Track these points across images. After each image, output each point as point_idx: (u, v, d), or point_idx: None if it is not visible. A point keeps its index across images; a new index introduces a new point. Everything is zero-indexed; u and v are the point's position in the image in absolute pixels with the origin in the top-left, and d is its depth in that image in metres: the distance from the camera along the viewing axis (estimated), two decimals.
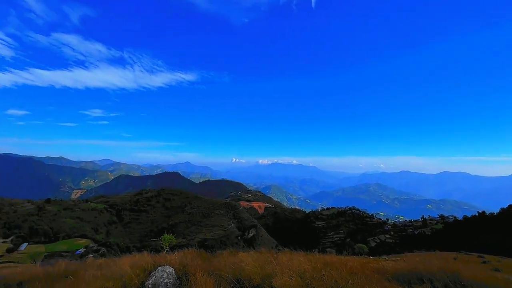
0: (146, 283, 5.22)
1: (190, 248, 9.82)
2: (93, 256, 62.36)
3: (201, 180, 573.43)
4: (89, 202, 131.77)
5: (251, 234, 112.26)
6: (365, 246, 61.05)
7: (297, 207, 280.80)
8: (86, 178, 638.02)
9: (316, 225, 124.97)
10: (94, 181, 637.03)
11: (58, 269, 7.01)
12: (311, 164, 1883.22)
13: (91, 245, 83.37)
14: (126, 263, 6.42)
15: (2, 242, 76.48)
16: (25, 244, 76.79)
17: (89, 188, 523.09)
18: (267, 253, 7.72)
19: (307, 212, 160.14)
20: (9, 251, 71.29)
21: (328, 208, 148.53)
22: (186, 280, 5.50)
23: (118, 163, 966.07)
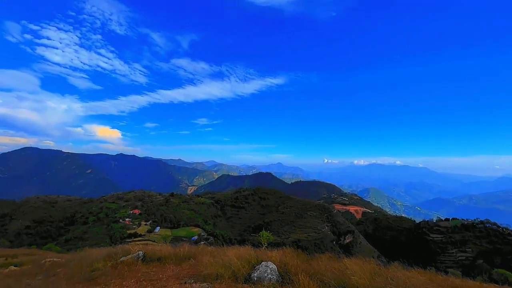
0: (252, 275, 5.56)
1: (286, 247, 9.97)
2: (204, 243, 73.21)
3: (293, 181, 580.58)
4: (200, 197, 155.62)
5: (347, 240, 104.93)
6: (510, 273, 46.13)
7: (403, 215, 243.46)
8: (197, 177, 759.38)
9: (430, 238, 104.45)
10: (203, 179, 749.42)
11: (183, 251, 8.46)
12: (420, 165, 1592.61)
13: (202, 233, 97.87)
14: (233, 254, 7.06)
15: (144, 225, 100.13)
16: (158, 228, 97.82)
17: (200, 185, 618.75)
18: (374, 264, 6.86)
19: (417, 221, 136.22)
20: (149, 232, 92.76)
21: (447, 219, 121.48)
22: (288, 279, 5.53)
23: (221, 164, 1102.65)
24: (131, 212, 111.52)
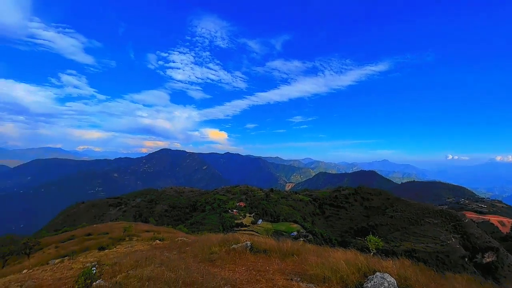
0: (365, 285, 4.93)
1: (398, 257, 8.42)
2: (303, 240, 73.47)
3: (404, 181, 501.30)
4: (298, 194, 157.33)
5: (488, 259, 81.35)
6: None
7: None
8: (294, 174, 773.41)
9: None
10: (300, 176, 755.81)
11: (286, 246, 8.56)
12: None
13: (301, 230, 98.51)
14: (340, 257, 6.53)
15: (249, 216, 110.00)
16: (260, 220, 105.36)
17: (297, 182, 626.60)
18: None
19: None
20: (252, 223, 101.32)
21: None
22: None
23: (317, 162, 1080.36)
24: (238, 204, 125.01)
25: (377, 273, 5.17)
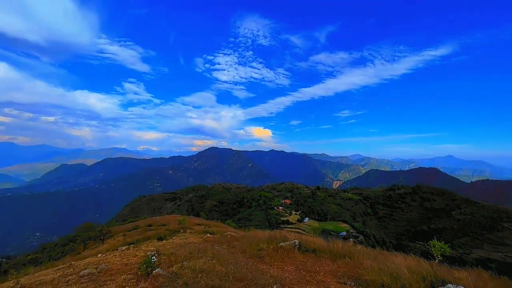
0: None
1: (468, 266, 7.19)
2: (353, 241, 69.65)
3: (474, 179, 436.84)
4: (346, 192, 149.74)
5: None
6: None
7: None
8: (342, 171, 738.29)
9: None
10: (349, 174, 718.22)
11: (337, 247, 8.10)
12: None
13: (351, 230, 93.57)
14: (400, 263, 5.89)
15: (295, 214, 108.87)
16: (307, 218, 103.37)
17: (345, 180, 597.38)
18: None
19: None
20: (299, 221, 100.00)
21: None
22: None
23: (368, 158, 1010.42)
24: (283, 201, 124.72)
25: (449, 285, 4.48)
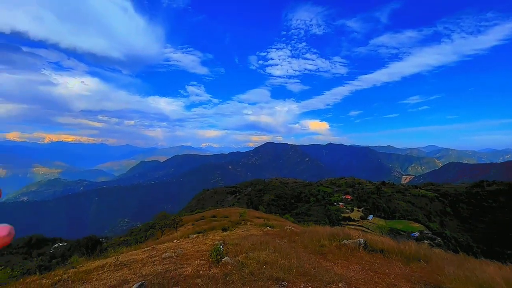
0: None
1: None
2: (428, 243, 61.68)
3: None
4: (419, 189, 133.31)
5: None
6: None
7: None
8: (412, 165, 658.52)
9: None
10: (421, 167, 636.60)
11: (410, 249, 7.35)
12: None
13: (425, 231, 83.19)
14: (494, 273, 5.02)
15: (357, 211, 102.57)
16: (371, 216, 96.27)
17: (417, 175, 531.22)
18: None
19: None
20: (362, 218, 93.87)
21: None
22: None
23: (446, 149, 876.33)
24: (344, 197, 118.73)
25: None
